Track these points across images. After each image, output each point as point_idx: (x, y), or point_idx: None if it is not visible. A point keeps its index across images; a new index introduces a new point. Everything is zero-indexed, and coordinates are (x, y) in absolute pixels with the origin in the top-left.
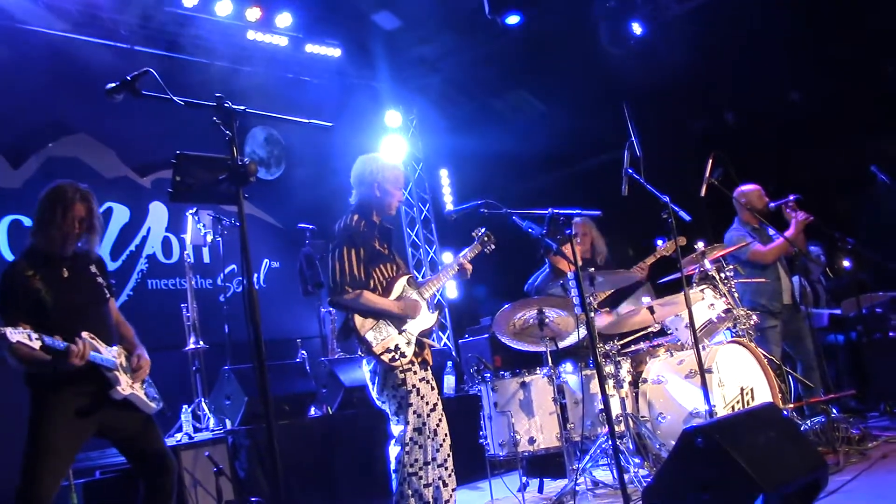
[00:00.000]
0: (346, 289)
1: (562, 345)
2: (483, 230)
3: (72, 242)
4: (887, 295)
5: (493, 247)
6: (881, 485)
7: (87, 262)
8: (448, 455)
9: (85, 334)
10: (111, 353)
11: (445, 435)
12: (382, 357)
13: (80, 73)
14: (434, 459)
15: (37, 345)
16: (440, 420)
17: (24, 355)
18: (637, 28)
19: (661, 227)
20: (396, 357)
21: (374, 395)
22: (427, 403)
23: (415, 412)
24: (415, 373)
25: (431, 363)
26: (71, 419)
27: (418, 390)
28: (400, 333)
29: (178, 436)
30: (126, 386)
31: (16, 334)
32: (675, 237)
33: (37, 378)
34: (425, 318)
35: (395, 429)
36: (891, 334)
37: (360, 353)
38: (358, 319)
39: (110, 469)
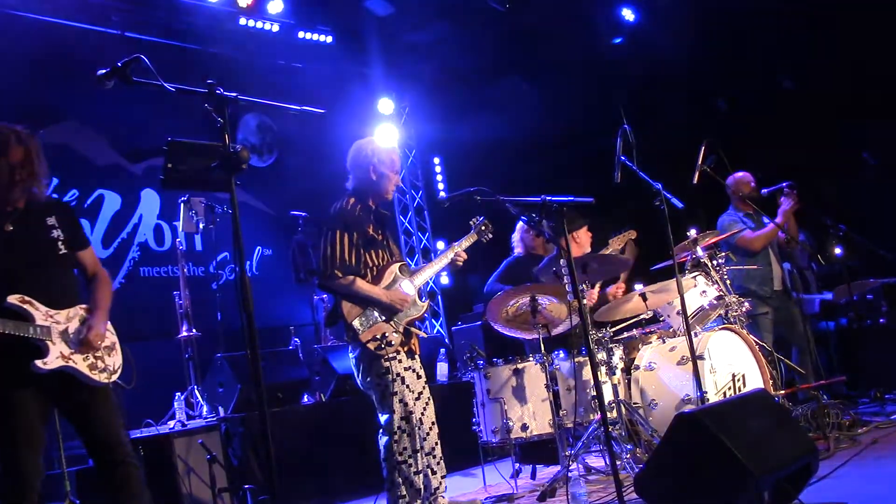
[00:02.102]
0: (335, 273)
1: (554, 332)
2: (481, 219)
3: (14, 193)
4: (878, 282)
5: (490, 236)
6: (871, 470)
7: (45, 213)
8: (436, 443)
9: (12, 298)
10: (55, 318)
11: (432, 423)
12: (368, 345)
13: (71, 59)
14: (422, 448)
15: None
16: (425, 408)
17: None
18: (629, 14)
19: (653, 215)
20: (382, 345)
21: (359, 382)
22: (412, 392)
23: (400, 401)
24: (399, 361)
25: (418, 352)
26: (18, 393)
27: (403, 379)
28: (388, 322)
29: (172, 423)
30: (53, 359)
31: None
32: (626, 231)
33: None
34: (415, 307)
35: (381, 417)
36: (881, 321)
37: (346, 339)
38: (346, 306)
39: None
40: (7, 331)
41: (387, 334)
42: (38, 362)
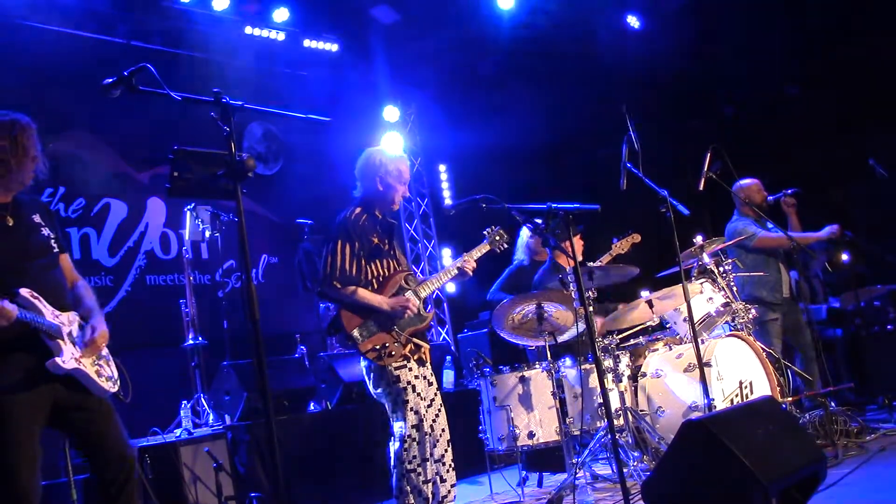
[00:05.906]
0: (334, 284)
1: (560, 339)
2: (496, 228)
3: (17, 184)
4: (885, 288)
5: (505, 246)
6: (879, 477)
7: (32, 209)
8: (446, 451)
9: (24, 291)
10: (60, 319)
11: (443, 430)
12: (368, 354)
13: (77, 68)
14: (432, 455)
15: None
16: (437, 416)
17: None
18: (634, 22)
19: (659, 221)
20: (382, 355)
21: (371, 390)
22: (423, 400)
23: (411, 409)
24: (410, 369)
25: (428, 360)
26: (21, 401)
27: (414, 387)
28: (388, 332)
29: (178, 431)
30: (69, 359)
31: None
32: (629, 235)
33: None
34: (419, 318)
35: (394, 425)
36: (889, 327)
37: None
38: (345, 316)
39: None
40: (28, 318)
41: (387, 344)
42: (58, 360)
